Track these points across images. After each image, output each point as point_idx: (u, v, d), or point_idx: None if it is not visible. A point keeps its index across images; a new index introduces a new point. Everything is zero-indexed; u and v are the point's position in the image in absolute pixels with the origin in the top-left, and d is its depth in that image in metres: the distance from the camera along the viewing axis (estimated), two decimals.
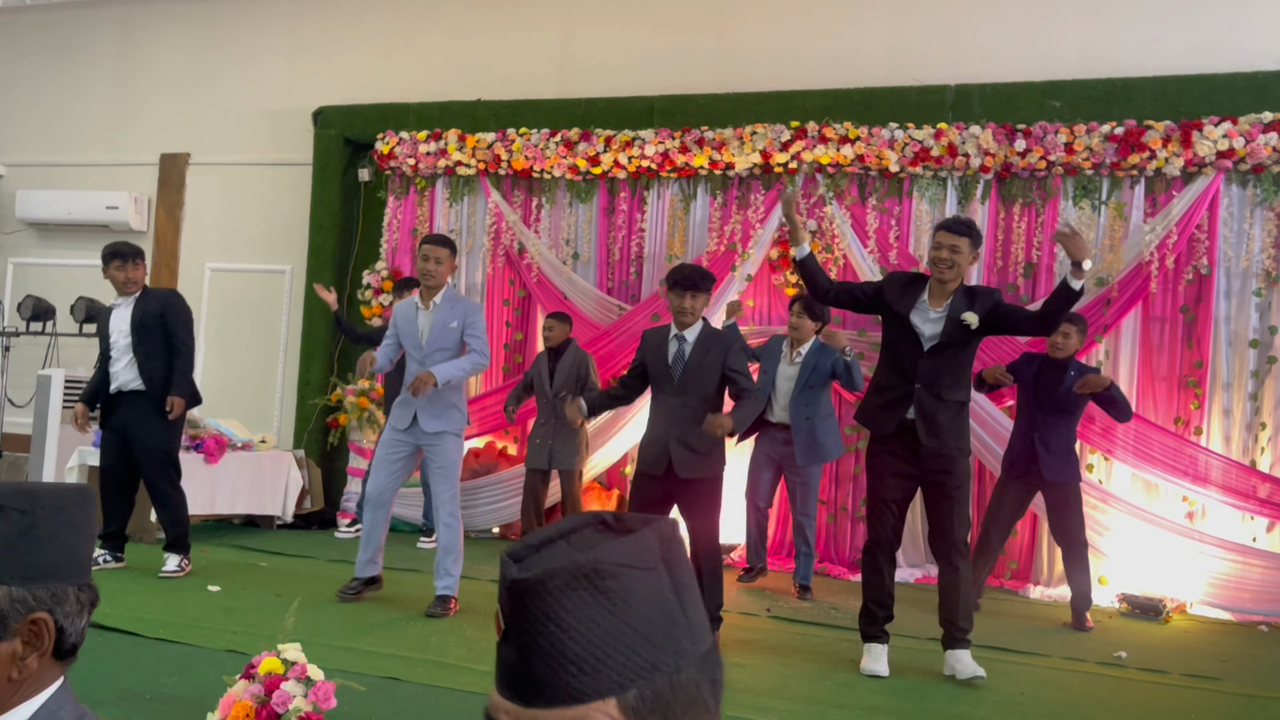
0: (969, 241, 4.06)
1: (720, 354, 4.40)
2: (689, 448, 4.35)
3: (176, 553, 5.31)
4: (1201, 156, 6.22)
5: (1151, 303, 6.45)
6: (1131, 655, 4.79)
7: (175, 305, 5.42)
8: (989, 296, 4.11)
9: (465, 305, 4.99)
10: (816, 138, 6.91)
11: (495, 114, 7.80)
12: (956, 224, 4.11)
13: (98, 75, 9.26)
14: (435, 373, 4.74)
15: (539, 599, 0.80)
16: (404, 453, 4.90)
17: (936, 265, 4.09)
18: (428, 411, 4.82)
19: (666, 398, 4.44)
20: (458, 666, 3.84)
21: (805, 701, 3.68)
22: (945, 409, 4.06)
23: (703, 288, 4.43)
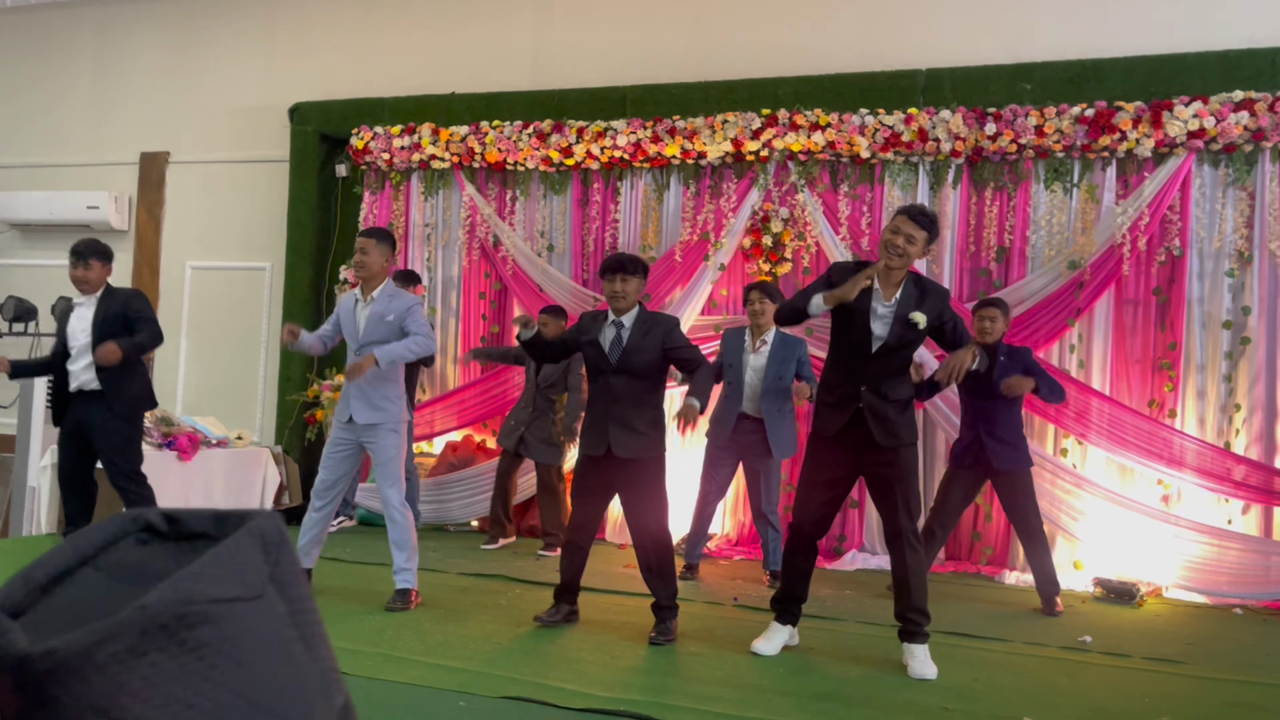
0: (926, 236, 4.04)
1: (659, 335, 4.45)
2: (628, 427, 4.40)
3: None
4: (1172, 137, 6.17)
5: (1124, 285, 6.41)
6: (1098, 639, 4.77)
7: (138, 305, 5.38)
8: (939, 299, 4.10)
9: (404, 299, 4.97)
10: (788, 125, 6.88)
11: (470, 107, 7.79)
12: (920, 215, 4.06)
13: (77, 75, 9.28)
14: (376, 353, 4.70)
15: (76, 688, 0.44)
16: (347, 450, 4.92)
17: (887, 249, 4.05)
18: (362, 403, 4.82)
19: (605, 379, 4.48)
20: (406, 659, 3.84)
21: (754, 690, 3.67)
22: (893, 407, 4.08)
23: (632, 270, 4.46)
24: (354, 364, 4.72)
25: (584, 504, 4.52)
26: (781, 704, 3.52)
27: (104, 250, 5.42)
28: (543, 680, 3.66)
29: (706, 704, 3.46)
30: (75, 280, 5.31)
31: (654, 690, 3.60)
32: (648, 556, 4.42)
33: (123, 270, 8.92)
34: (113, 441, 5.28)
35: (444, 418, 7.65)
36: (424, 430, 7.70)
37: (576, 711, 3.34)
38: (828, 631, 4.71)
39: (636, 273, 4.48)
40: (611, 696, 3.50)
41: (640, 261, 4.53)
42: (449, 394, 7.69)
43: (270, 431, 8.21)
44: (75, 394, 5.30)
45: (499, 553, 6.52)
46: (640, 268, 4.51)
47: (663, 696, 3.53)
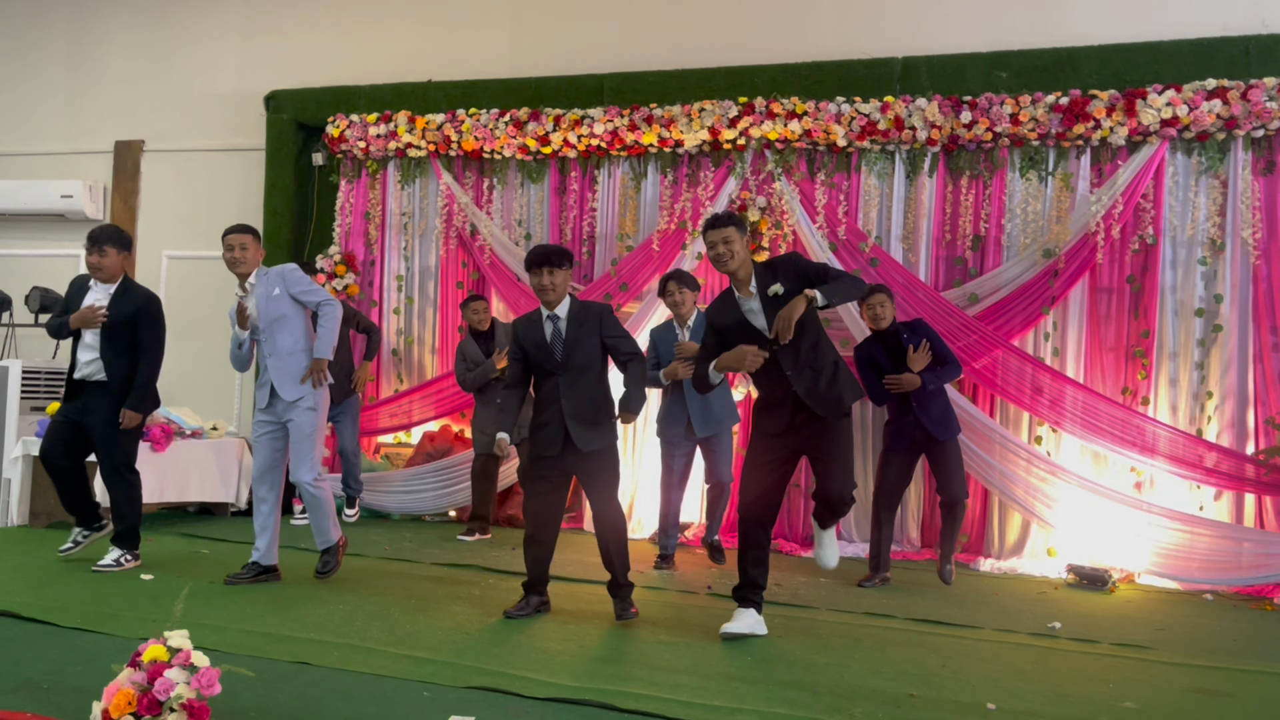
0: (735, 229, 4.23)
1: (595, 323, 4.48)
2: (584, 421, 4.43)
3: (121, 547, 5.24)
4: (1146, 125, 6.18)
5: (1098, 273, 6.43)
6: (1068, 625, 4.80)
7: (150, 314, 5.25)
8: (789, 262, 4.27)
9: (276, 270, 5.10)
10: (764, 113, 6.87)
11: (447, 95, 7.75)
12: (716, 220, 4.25)
13: (50, 62, 9.18)
14: (318, 354, 4.98)
15: None
16: (274, 432, 5.01)
17: (719, 263, 4.26)
18: (285, 380, 4.94)
19: (554, 377, 4.48)
20: (373, 650, 3.83)
21: (720, 677, 3.68)
22: (821, 376, 4.22)
23: (558, 262, 4.46)
24: (313, 374, 4.94)
25: (543, 498, 4.52)
26: (747, 691, 3.52)
27: (121, 238, 5.26)
28: (510, 670, 3.65)
29: (671, 692, 3.46)
30: (90, 267, 5.22)
31: (620, 679, 3.60)
32: (608, 540, 4.50)
33: None
34: (110, 433, 5.19)
35: (421, 408, 7.63)
36: (401, 420, 7.69)
37: (542, 701, 3.33)
38: (799, 619, 4.72)
39: (564, 264, 4.49)
40: (578, 685, 3.49)
41: (567, 253, 4.54)
42: (426, 384, 7.66)
43: (247, 422, 8.17)
44: (80, 381, 5.24)
45: (475, 543, 6.51)
46: (567, 259, 4.52)
47: (629, 685, 3.53)
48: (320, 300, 5.05)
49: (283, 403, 4.93)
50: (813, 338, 4.26)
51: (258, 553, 5.05)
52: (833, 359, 4.29)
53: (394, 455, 7.70)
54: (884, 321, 5.61)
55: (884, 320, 5.61)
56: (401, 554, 6.00)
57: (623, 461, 7.16)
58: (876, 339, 5.69)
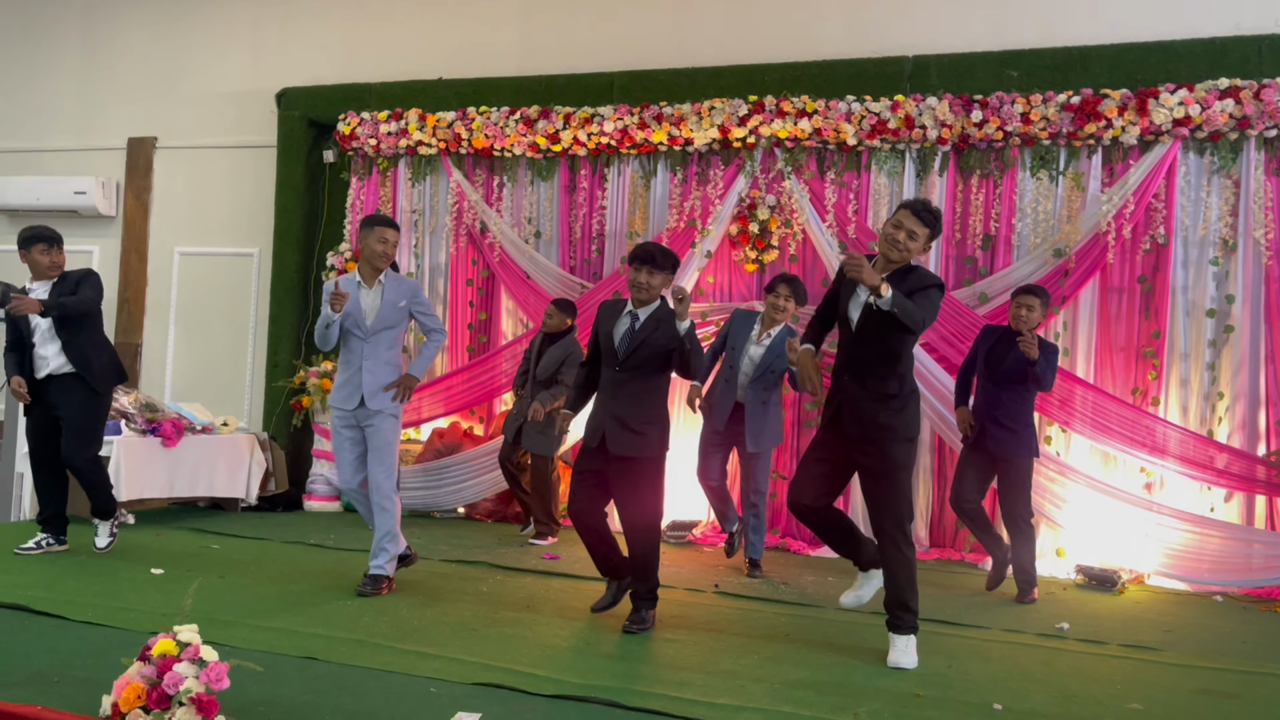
0: (929, 233, 3.96)
1: (669, 330, 4.29)
2: (624, 425, 4.31)
3: (104, 518, 5.40)
4: (1158, 125, 6.16)
5: (1109, 273, 6.41)
6: (1076, 626, 4.79)
7: (91, 277, 5.34)
8: (915, 281, 3.93)
9: (409, 284, 5.03)
10: (774, 112, 6.86)
11: (457, 93, 7.77)
12: (924, 210, 3.95)
13: (64, 60, 9.24)
14: (414, 372, 4.95)
15: None
16: (355, 435, 4.92)
17: (887, 242, 3.98)
18: (373, 388, 4.85)
19: (610, 372, 4.40)
20: (380, 645, 3.85)
21: (726, 676, 3.68)
22: (872, 398, 3.97)
23: (661, 265, 4.34)
24: (402, 390, 4.90)
25: (581, 489, 4.42)
26: (753, 690, 3.53)
27: (56, 236, 5.40)
28: (516, 666, 3.67)
29: (678, 690, 3.47)
30: (46, 266, 5.29)
31: (626, 676, 3.61)
32: (633, 551, 4.38)
33: (110, 256, 8.92)
34: (79, 422, 5.27)
35: (431, 404, 7.65)
36: (411, 417, 7.70)
37: (548, 698, 3.35)
38: (807, 618, 4.72)
39: (665, 268, 4.36)
40: (584, 683, 3.50)
41: (672, 256, 4.41)
42: (436, 381, 7.68)
43: (258, 417, 8.21)
44: (45, 380, 5.28)
45: (483, 539, 6.52)
46: (671, 263, 4.40)
47: (635, 683, 3.54)
48: (436, 328, 5.07)
49: (366, 409, 4.85)
50: (884, 356, 3.97)
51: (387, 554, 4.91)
52: (890, 392, 3.97)
53: (403, 452, 7.71)
54: (1024, 325, 5.27)
55: (1024, 324, 5.26)
56: None
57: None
58: (1005, 334, 5.40)
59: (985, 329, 5.68)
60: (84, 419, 5.31)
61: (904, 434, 4.00)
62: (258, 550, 5.79)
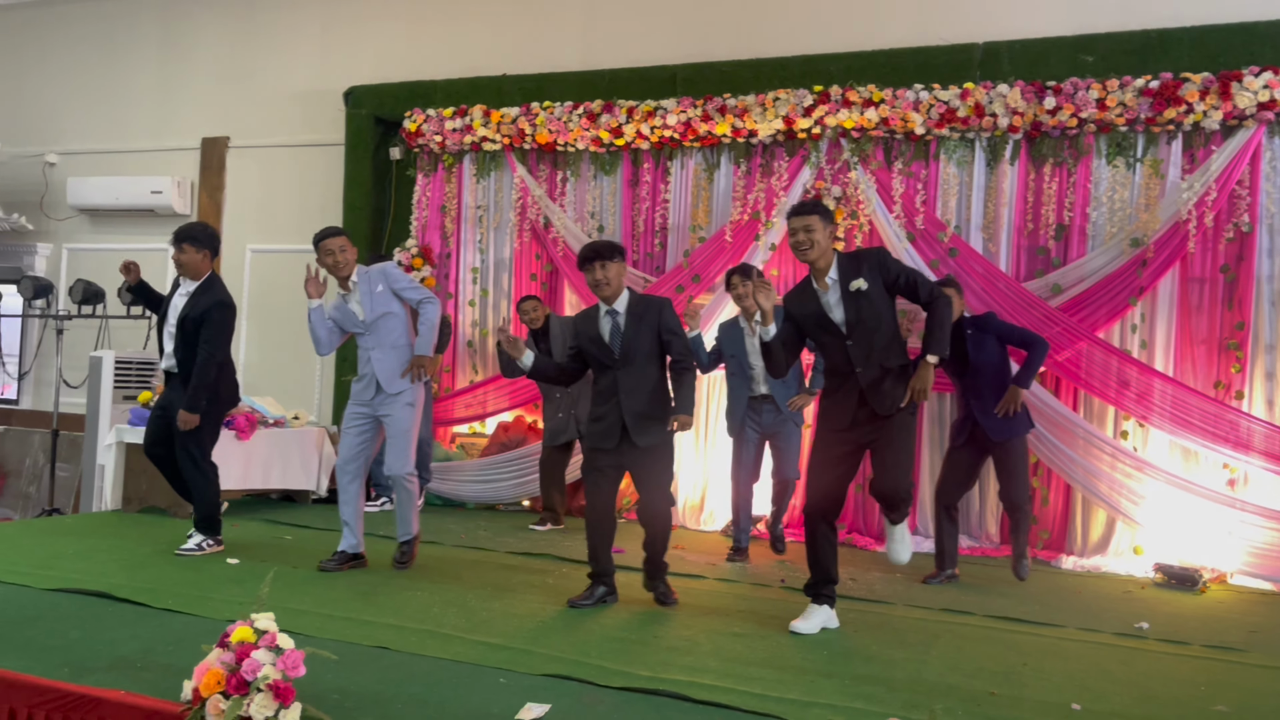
0: (819, 217, 4.15)
1: (654, 316, 4.48)
2: (644, 415, 4.45)
3: (201, 533, 5.36)
4: (1241, 109, 5.95)
5: (1190, 263, 6.21)
6: (1156, 626, 4.66)
7: (214, 317, 5.23)
8: (874, 255, 4.22)
9: (377, 269, 5.18)
10: (840, 102, 6.77)
11: (521, 88, 7.81)
12: (799, 207, 4.22)
13: (142, 63, 9.48)
14: (419, 351, 5.08)
15: None
16: (365, 425, 5.12)
17: (798, 250, 4.19)
18: (388, 375, 5.04)
19: (612, 372, 4.50)
20: (449, 635, 3.88)
21: (794, 671, 3.65)
22: (889, 376, 4.16)
23: (608, 255, 4.46)
24: (416, 369, 5.05)
25: (598, 491, 4.54)
26: (823, 686, 3.48)
27: (192, 235, 5.33)
28: (584, 659, 3.67)
29: (746, 684, 3.45)
30: (180, 265, 5.38)
31: (694, 670, 3.59)
32: (655, 529, 4.55)
33: None
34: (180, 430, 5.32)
35: (495, 399, 7.70)
36: (476, 411, 7.78)
37: (616, 690, 3.34)
38: (873, 614, 4.66)
39: (614, 257, 4.48)
40: (652, 676, 3.50)
41: (616, 245, 4.54)
42: (500, 375, 7.72)
43: (328, 411, 8.35)
44: (167, 373, 5.43)
45: (548, 533, 6.56)
46: (617, 251, 4.51)
47: (703, 676, 3.52)
48: (422, 298, 5.14)
49: (382, 395, 5.02)
50: (886, 338, 4.19)
51: (346, 541, 5.14)
52: (901, 362, 4.22)
53: (469, 445, 7.79)
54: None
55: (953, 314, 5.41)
56: (477, 542, 6.07)
57: (693, 454, 7.17)
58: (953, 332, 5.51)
59: None
60: (197, 431, 5.28)
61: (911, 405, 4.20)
62: (329, 541, 5.87)
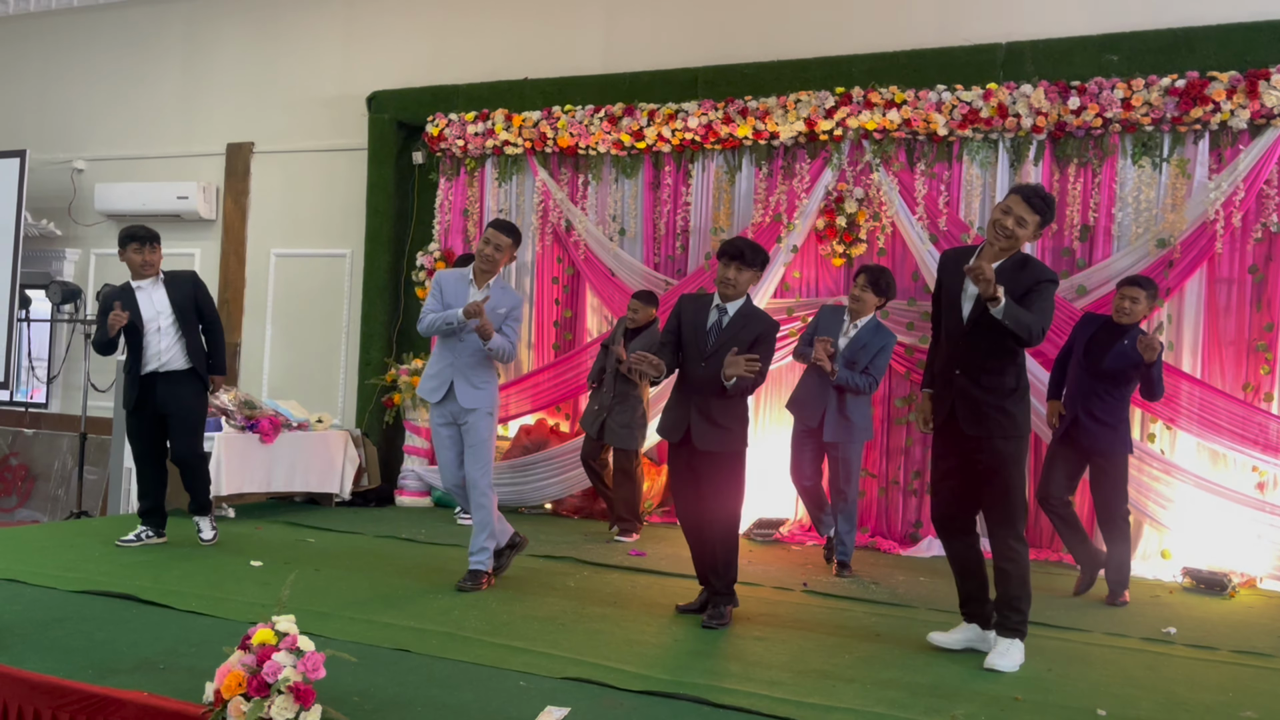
0: (1039, 220, 3.80)
1: (754, 332, 4.30)
2: (709, 420, 4.30)
3: (204, 514, 5.63)
4: (1269, 107, 5.87)
5: (1217, 263, 6.14)
6: (1183, 631, 4.60)
7: (204, 288, 5.74)
8: (1031, 275, 3.80)
9: (513, 296, 5.01)
10: (862, 103, 6.74)
11: (542, 92, 7.82)
12: (1035, 196, 3.78)
13: (167, 70, 9.58)
14: (494, 339, 4.77)
15: None
16: (453, 433, 4.93)
17: (995, 229, 3.83)
18: (465, 384, 4.86)
19: (694, 366, 4.37)
20: (470, 639, 3.89)
21: (817, 675, 3.63)
22: (988, 395, 3.86)
23: (748, 260, 4.29)
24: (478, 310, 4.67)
25: (682, 489, 4.44)
26: (844, 690, 3.46)
27: (155, 235, 5.61)
28: (604, 662, 3.66)
29: (767, 688, 3.43)
30: (139, 264, 5.49)
31: (715, 674, 3.58)
32: (713, 546, 4.36)
33: (210, 258, 9.23)
34: (189, 421, 5.50)
35: (518, 401, 7.72)
36: (499, 414, 7.78)
37: (636, 694, 3.34)
38: (898, 618, 4.63)
39: (754, 265, 4.32)
40: (672, 679, 3.49)
41: (761, 252, 4.36)
42: (523, 378, 7.75)
43: (351, 414, 8.40)
44: (151, 376, 5.47)
45: (570, 535, 6.54)
46: (759, 259, 4.35)
47: (723, 680, 3.50)
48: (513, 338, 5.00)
49: (457, 404, 4.86)
50: (1001, 350, 3.84)
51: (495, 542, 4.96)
52: (1009, 386, 3.88)
53: None
54: (1127, 318, 5.13)
55: (1129, 317, 5.13)
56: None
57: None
58: (1105, 326, 5.23)
59: (1085, 317, 5.49)
60: (196, 415, 5.56)
61: (1017, 430, 3.90)
62: (351, 544, 5.92)
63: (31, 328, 9.77)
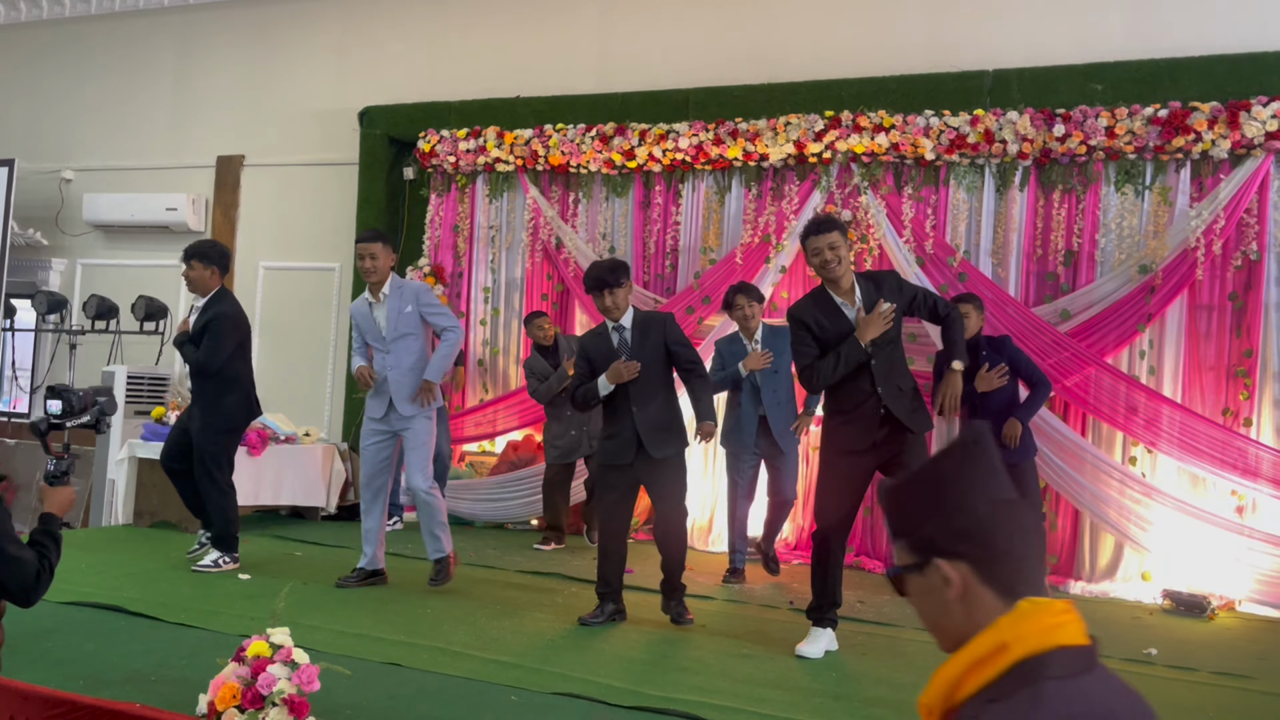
0: (839, 233, 4.20)
1: (659, 330, 4.56)
2: (660, 428, 4.51)
3: (218, 549, 5.40)
4: (1250, 138, 5.99)
5: (1198, 290, 6.23)
6: (1164, 652, 4.66)
7: (213, 326, 5.39)
8: (892, 277, 4.34)
9: (412, 286, 5.20)
10: (851, 127, 6.83)
11: (534, 110, 7.88)
12: (820, 224, 4.23)
13: (159, 82, 9.59)
14: (429, 377, 5.05)
15: None
16: (383, 441, 5.11)
17: (825, 269, 4.22)
18: (401, 397, 5.03)
19: (624, 387, 4.54)
20: (460, 653, 3.91)
21: (804, 692, 3.66)
22: (907, 397, 4.24)
23: (613, 282, 4.52)
24: (422, 395, 5.01)
25: (613, 507, 4.59)
26: (832, 708, 3.50)
27: (201, 251, 5.43)
28: (594, 678, 3.69)
29: (757, 705, 3.46)
30: (189, 284, 5.48)
31: (704, 690, 3.61)
32: (671, 545, 4.56)
33: None
34: (201, 439, 5.41)
35: (505, 417, 7.74)
36: (486, 429, 7.81)
37: (627, 709, 3.36)
38: (883, 637, 4.67)
39: (621, 283, 4.55)
40: (662, 695, 3.51)
41: (619, 269, 4.58)
42: (511, 394, 7.78)
43: (338, 428, 8.39)
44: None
45: (556, 551, 6.57)
46: (623, 276, 4.57)
47: (713, 697, 3.53)
48: (448, 325, 5.15)
49: (396, 413, 5.03)
50: (901, 358, 4.29)
51: (366, 558, 5.14)
52: (913, 384, 4.33)
53: (478, 463, 7.82)
54: (967, 332, 5.46)
55: (966, 332, 5.38)
56: (485, 560, 6.09)
57: (701, 474, 7.19)
58: None
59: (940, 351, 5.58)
60: (200, 436, 5.38)
61: (928, 426, 4.32)
62: (338, 558, 5.91)
63: (16, 337, 9.72)
